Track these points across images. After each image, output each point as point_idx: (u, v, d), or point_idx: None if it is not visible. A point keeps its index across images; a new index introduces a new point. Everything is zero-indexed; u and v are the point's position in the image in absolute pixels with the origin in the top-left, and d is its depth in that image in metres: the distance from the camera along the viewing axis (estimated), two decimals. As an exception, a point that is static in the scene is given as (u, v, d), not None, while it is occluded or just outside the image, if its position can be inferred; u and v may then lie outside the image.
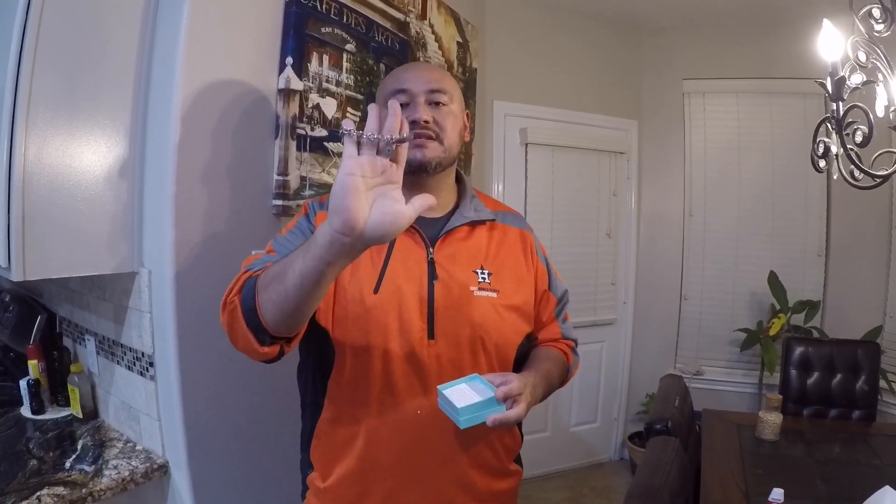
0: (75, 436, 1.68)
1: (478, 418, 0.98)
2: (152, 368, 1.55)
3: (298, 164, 1.72)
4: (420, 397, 1.12)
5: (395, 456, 1.13)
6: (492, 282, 1.18)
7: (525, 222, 1.35)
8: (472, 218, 1.22)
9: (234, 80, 1.56)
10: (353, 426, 1.14)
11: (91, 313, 1.78)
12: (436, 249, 1.17)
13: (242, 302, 0.95)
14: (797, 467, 2.12)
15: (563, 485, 3.52)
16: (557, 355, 1.29)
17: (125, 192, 1.51)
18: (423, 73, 1.19)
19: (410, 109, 1.14)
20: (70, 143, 1.38)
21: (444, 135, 1.16)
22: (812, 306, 3.39)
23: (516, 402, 1.01)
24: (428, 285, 1.14)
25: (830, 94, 1.22)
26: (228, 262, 1.57)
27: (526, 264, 1.26)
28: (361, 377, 1.12)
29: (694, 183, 3.78)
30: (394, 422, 1.12)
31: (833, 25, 1.18)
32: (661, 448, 1.86)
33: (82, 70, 1.39)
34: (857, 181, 1.32)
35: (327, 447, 1.17)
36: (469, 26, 2.70)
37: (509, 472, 1.26)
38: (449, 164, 1.20)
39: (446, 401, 1.00)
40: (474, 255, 1.20)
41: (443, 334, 1.13)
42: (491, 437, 1.19)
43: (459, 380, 1.05)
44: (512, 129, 3.37)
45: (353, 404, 1.14)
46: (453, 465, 1.16)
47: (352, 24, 1.89)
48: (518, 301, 1.22)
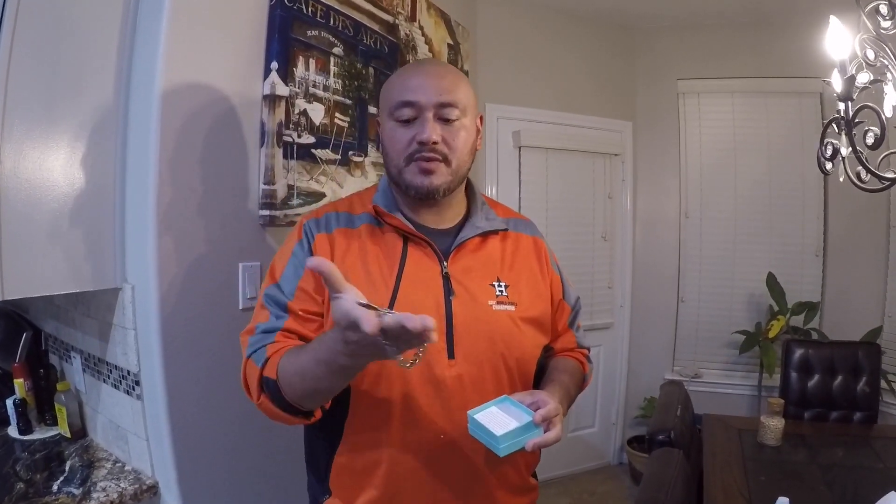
0: (63, 456, 1.63)
1: (517, 444, 0.94)
2: (138, 387, 1.50)
3: (285, 172, 1.68)
4: (443, 421, 1.06)
5: (419, 482, 1.08)
6: (509, 294, 1.13)
7: (537, 229, 1.30)
8: (484, 228, 1.16)
9: (218, 87, 1.52)
10: (375, 453, 1.07)
11: (76, 330, 1.74)
12: (449, 263, 1.11)
13: (274, 402, 0.99)
14: (800, 473, 2.09)
15: (562, 491, 3.49)
16: (575, 366, 1.25)
17: (106, 205, 1.46)
18: (433, 80, 1.08)
19: (418, 126, 1.06)
20: (48, 155, 1.33)
21: (454, 155, 1.08)
22: (811, 308, 3.36)
23: (552, 423, 0.97)
24: (445, 302, 1.08)
25: (839, 93, 1.18)
26: (214, 276, 1.54)
27: (541, 274, 1.22)
28: (380, 403, 1.06)
29: (689, 184, 3.76)
30: (417, 447, 1.07)
31: (840, 22, 1.14)
32: (664, 461, 1.82)
33: (59, 79, 1.34)
34: (863, 183, 1.28)
35: (348, 476, 1.11)
36: (460, 28, 2.66)
37: (530, 488, 1.23)
38: (458, 185, 1.14)
39: (479, 427, 0.95)
40: (489, 267, 1.15)
41: (463, 353, 1.07)
42: (515, 456, 1.15)
43: (489, 403, 1.00)
44: (505, 131, 3.34)
45: (373, 431, 1.07)
46: (479, 488, 1.11)
47: (339, 27, 1.85)
48: (536, 313, 1.17)
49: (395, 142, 1.08)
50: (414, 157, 1.07)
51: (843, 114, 1.19)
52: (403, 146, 1.07)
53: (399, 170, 1.09)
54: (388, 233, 1.11)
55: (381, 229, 1.12)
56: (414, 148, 1.06)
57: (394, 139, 1.08)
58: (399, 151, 1.08)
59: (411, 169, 1.08)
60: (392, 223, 1.11)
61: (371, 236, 1.11)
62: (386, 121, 1.11)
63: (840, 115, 1.20)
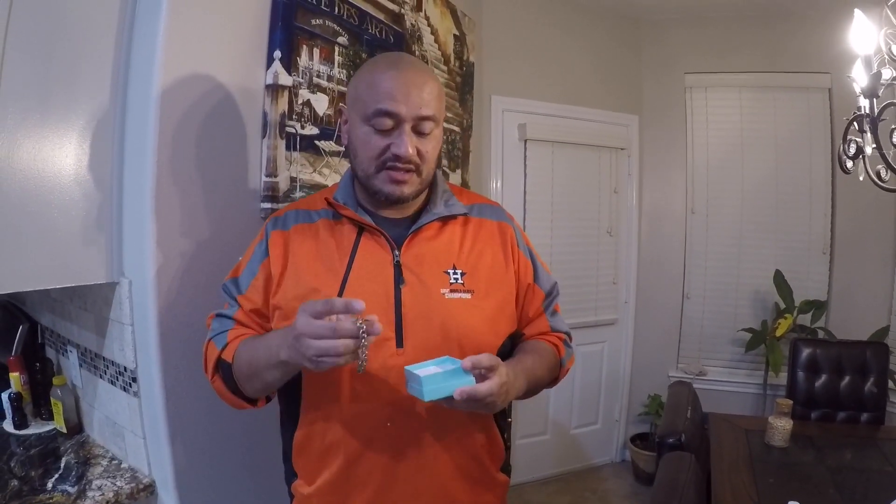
0: (58, 453, 1.60)
1: (443, 390, 0.91)
2: (135, 384, 1.47)
3: (288, 164, 1.64)
4: (390, 408, 1.07)
5: (369, 468, 1.09)
6: (465, 282, 1.11)
7: (504, 214, 1.26)
8: (441, 213, 1.15)
9: (219, 76, 1.47)
10: (329, 439, 1.10)
11: (73, 324, 1.70)
12: (402, 251, 1.11)
13: (226, 384, 1.10)
14: (809, 475, 2.06)
15: (563, 488, 3.47)
16: (545, 346, 1.22)
17: (103, 197, 1.42)
18: (413, 91, 1.05)
19: (395, 138, 1.05)
20: (43, 145, 1.28)
21: (425, 165, 1.10)
22: (818, 306, 3.33)
23: (487, 377, 0.94)
24: (395, 290, 1.08)
25: (864, 88, 1.13)
26: (213, 271, 1.49)
27: (505, 259, 1.19)
28: (330, 391, 1.08)
29: (696, 179, 3.72)
30: (365, 435, 1.08)
31: (864, 16, 1.09)
32: (676, 465, 1.79)
33: (55, 66, 1.29)
34: (883, 182, 1.24)
35: (307, 459, 1.14)
36: (466, 19, 2.61)
37: (495, 482, 1.20)
38: (425, 188, 1.16)
39: (413, 377, 0.94)
40: (445, 255, 1.13)
41: (412, 343, 1.06)
42: (467, 440, 1.14)
43: (429, 361, 0.99)
44: (510, 124, 3.30)
45: (326, 418, 1.10)
46: (432, 475, 1.10)
47: (344, 16, 1.80)
48: (496, 300, 1.14)
49: (369, 148, 1.08)
50: (386, 165, 1.07)
51: (867, 110, 1.14)
52: (377, 154, 1.07)
53: (368, 175, 1.10)
54: (344, 225, 1.14)
55: (338, 222, 1.15)
56: (388, 157, 1.07)
57: (368, 145, 1.08)
58: (371, 158, 1.08)
59: (382, 177, 1.09)
60: (346, 214, 1.12)
61: (327, 229, 1.14)
62: (359, 123, 1.09)
63: (864, 112, 1.15)
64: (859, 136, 1.22)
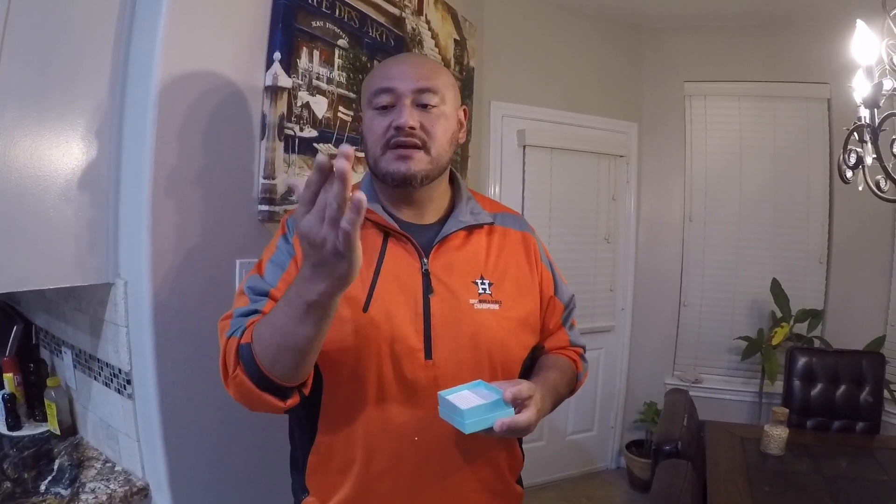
0: (52, 455, 1.58)
1: (484, 422, 0.89)
2: (130, 386, 1.45)
3: (286, 166, 1.63)
4: (417, 423, 1.04)
5: (392, 484, 1.05)
6: (493, 293, 1.09)
7: (526, 223, 1.26)
8: (468, 222, 1.13)
9: (218, 77, 1.47)
10: (349, 454, 1.05)
11: (67, 325, 1.69)
12: (430, 259, 1.08)
13: (248, 373, 0.91)
14: (804, 484, 2.05)
15: (559, 494, 3.46)
16: (566, 363, 1.21)
17: (99, 197, 1.41)
18: (411, 68, 1.07)
19: (395, 112, 1.04)
20: (40, 144, 1.28)
21: (433, 142, 1.05)
22: (815, 315, 3.33)
23: (525, 406, 0.93)
24: (423, 300, 1.05)
25: (865, 98, 1.13)
26: (210, 273, 1.49)
27: (530, 270, 1.17)
28: (354, 403, 1.04)
29: (694, 187, 3.73)
30: (390, 449, 1.04)
31: (867, 27, 1.10)
32: (672, 473, 1.79)
33: (54, 64, 1.29)
34: (882, 192, 1.24)
35: (323, 475, 1.09)
36: (467, 24, 2.61)
37: (513, 494, 1.19)
38: (438, 174, 1.10)
39: (449, 406, 0.92)
40: (473, 264, 1.11)
41: (441, 354, 1.04)
42: (492, 454, 1.12)
43: (461, 386, 0.96)
44: (510, 130, 3.30)
45: (347, 432, 1.05)
46: (455, 488, 1.08)
47: (344, 19, 1.80)
48: (522, 312, 1.13)
49: (373, 130, 1.06)
50: (391, 143, 1.04)
51: (868, 120, 1.14)
52: (380, 133, 1.05)
53: (376, 159, 1.07)
54: (368, 229, 1.08)
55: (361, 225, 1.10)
56: (391, 134, 1.04)
57: (371, 127, 1.06)
58: (376, 139, 1.06)
59: (388, 156, 1.05)
60: (371, 218, 1.07)
61: None
62: (365, 111, 1.09)
63: (864, 122, 1.15)
64: (859, 146, 1.22)
